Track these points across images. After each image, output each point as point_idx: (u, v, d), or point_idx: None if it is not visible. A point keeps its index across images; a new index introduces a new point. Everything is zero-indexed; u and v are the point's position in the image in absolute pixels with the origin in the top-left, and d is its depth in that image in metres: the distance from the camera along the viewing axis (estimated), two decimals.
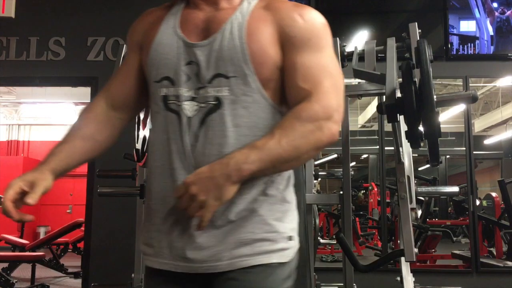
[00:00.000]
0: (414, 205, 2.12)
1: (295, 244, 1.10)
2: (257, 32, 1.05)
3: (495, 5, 4.48)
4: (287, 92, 1.06)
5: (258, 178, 1.02)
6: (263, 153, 0.97)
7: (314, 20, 1.08)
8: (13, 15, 4.44)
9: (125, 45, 2.49)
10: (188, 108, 1.05)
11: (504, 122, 8.65)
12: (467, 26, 4.47)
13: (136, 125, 1.82)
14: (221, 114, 1.03)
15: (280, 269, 1.06)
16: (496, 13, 4.46)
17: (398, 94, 1.88)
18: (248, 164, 0.96)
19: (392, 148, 2.26)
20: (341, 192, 2.53)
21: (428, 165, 6.55)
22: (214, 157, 1.00)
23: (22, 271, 5.53)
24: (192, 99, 1.05)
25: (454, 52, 4.42)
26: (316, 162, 2.85)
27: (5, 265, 5.08)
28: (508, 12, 4.46)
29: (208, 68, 1.04)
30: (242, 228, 1.03)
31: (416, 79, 1.78)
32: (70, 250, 6.83)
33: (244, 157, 0.96)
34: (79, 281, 5.20)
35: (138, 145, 1.76)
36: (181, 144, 1.04)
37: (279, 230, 1.06)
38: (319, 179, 3.38)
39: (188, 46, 1.07)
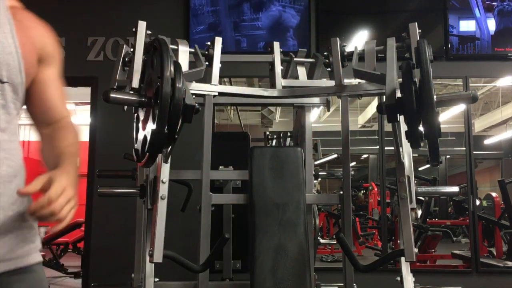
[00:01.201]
0: (414, 205, 2.12)
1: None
2: (25, 42, 1.08)
3: (494, 3, 4.49)
4: (42, 105, 1.17)
5: None
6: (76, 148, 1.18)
7: (54, 38, 1.20)
8: None
9: (125, 45, 2.48)
10: None
11: (504, 122, 8.66)
12: (467, 26, 4.46)
13: (135, 125, 1.81)
14: None
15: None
16: (496, 3, 4.47)
17: (398, 94, 1.88)
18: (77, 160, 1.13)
19: (392, 148, 2.25)
20: (341, 192, 2.53)
21: (428, 165, 6.56)
22: None
23: None
24: None
25: (454, 52, 4.42)
26: (316, 162, 2.85)
27: None
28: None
29: None
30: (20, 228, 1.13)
31: (416, 79, 1.78)
32: (70, 250, 6.82)
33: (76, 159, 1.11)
34: (79, 281, 5.19)
35: (137, 146, 1.75)
36: None
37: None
38: (319, 179, 3.38)
39: None
